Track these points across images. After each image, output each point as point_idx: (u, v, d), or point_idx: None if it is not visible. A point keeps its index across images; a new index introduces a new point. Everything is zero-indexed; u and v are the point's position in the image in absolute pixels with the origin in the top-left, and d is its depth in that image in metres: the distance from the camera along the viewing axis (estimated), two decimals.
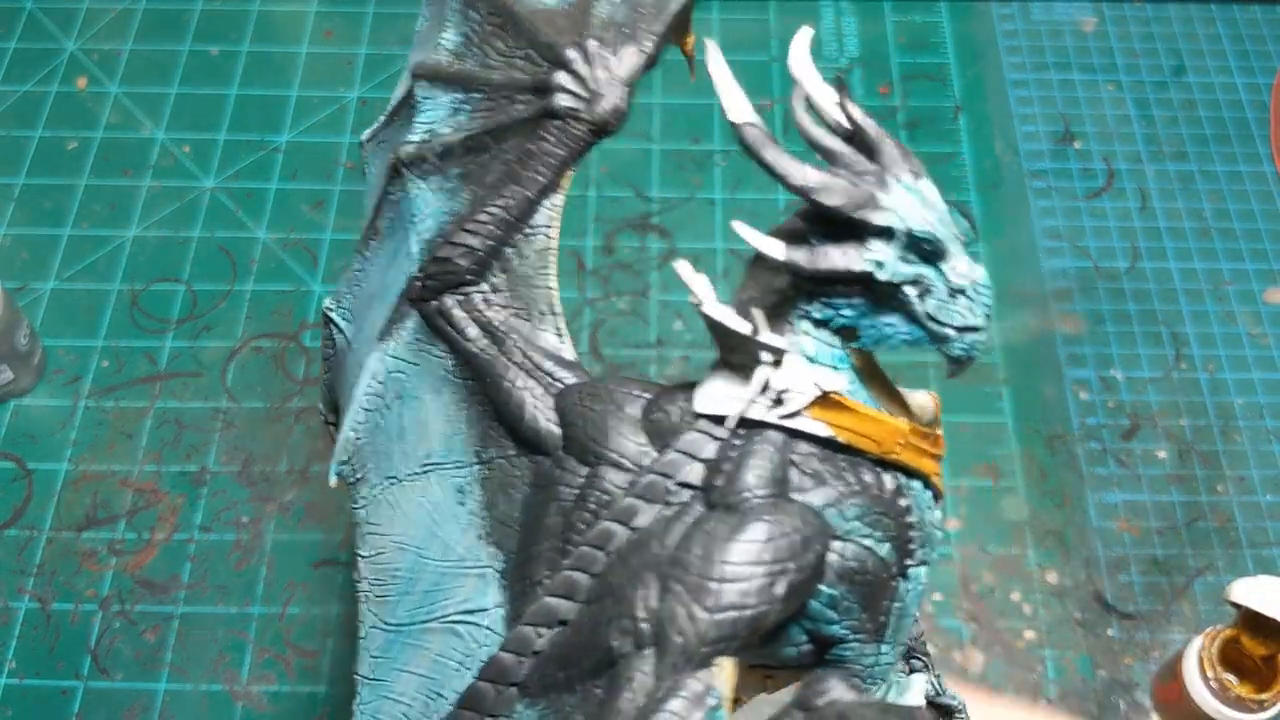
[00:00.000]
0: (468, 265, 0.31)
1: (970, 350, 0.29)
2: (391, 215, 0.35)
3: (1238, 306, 0.78)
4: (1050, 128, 0.87)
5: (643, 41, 0.33)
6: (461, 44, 0.34)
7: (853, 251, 0.27)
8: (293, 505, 0.69)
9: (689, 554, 0.26)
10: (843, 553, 0.28)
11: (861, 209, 0.27)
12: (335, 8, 0.93)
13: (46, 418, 0.73)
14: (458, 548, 0.31)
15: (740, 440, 0.28)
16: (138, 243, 0.80)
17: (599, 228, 0.81)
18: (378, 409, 0.34)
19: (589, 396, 0.30)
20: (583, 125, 0.32)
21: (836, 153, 0.28)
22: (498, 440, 0.31)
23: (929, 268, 0.28)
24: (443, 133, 0.34)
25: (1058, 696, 0.64)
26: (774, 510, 0.27)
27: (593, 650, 0.27)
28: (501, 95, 0.33)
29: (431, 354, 0.32)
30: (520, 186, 0.31)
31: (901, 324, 0.29)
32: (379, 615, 0.33)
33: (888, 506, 0.29)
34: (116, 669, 0.64)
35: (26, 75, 0.89)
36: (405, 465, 0.33)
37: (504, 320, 0.32)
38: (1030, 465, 0.71)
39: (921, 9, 0.94)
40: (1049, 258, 0.80)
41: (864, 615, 0.29)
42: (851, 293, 0.28)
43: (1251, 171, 0.84)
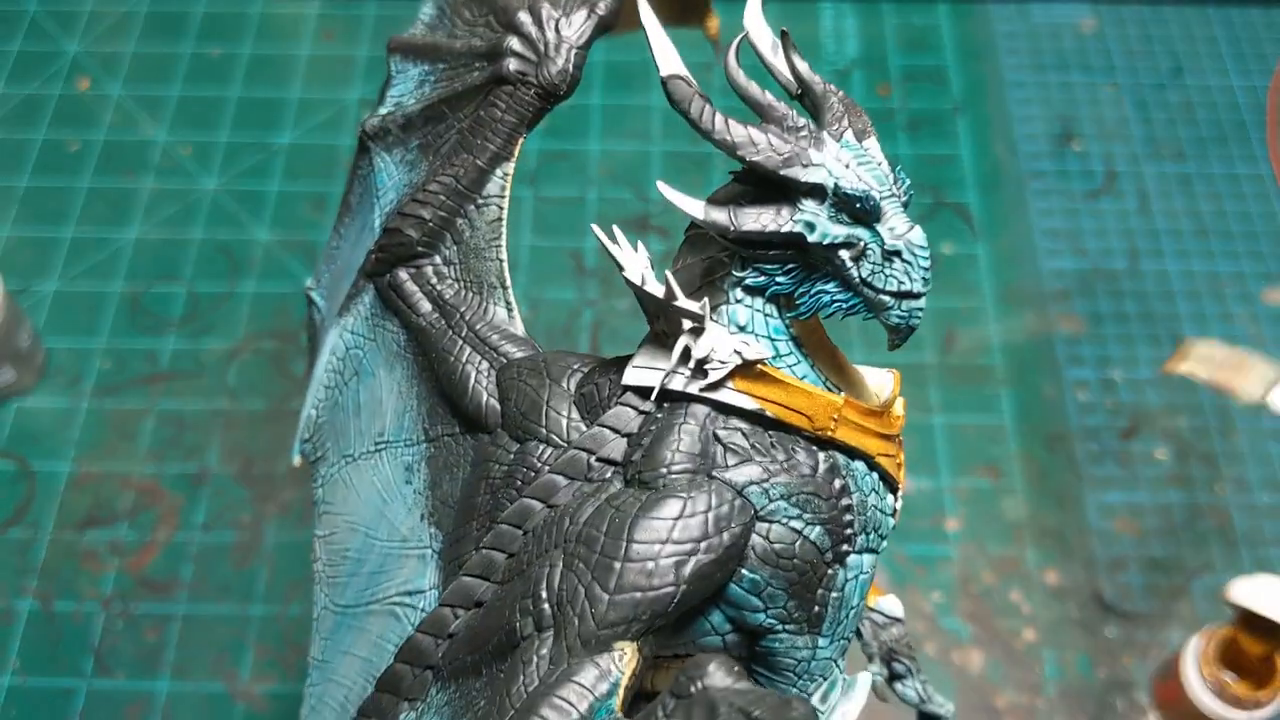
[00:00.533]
0: (418, 236, 0.30)
1: (909, 319, 0.27)
2: (360, 190, 0.35)
3: (1236, 307, 0.78)
4: (1049, 129, 0.87)
5: (596, 4, 0.31)
6: (435, 16, 0.34)
7: (784, 212, 0.26)
8: (293, 505, 0.69)
9: (596, 531, 0.25)
10: (767, 535, 0.26)
11: (789, 166, 0.25)
12: (336, 10, 0.93)
13: (48, 418, 0.73)
14: (402, 528, 0.30)
15: (663, 414, 0.27)
16: (139, 244, 0.80)
17: None
18: (337, 385, 0.33)
19: (528, 371, 0.29)
20: (531, 89, 0.30)
21: (768, 107, 0.27)
22: (445, 417, 0.30)
23: (863, 229, 0.26)
24: (407, 105, 0.33)
25: (1057, 695, 0.64)
26: (688, 488, 0.25)
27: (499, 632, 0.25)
28: (461, 64, 0.32)
29: (386, 329, 0.31)
30: (471, 155, 0.30)
31: (837, 290, 0.27)
32: (330, 597, 0.32)
33: (819, 487, 0.27)
34: (118, 668, 0.64)
35: (29, 77, 0.89)
36: (360, 443, 0.32)
37: (455, 294, 0.30)
38: (1030, 465, 0.71)
39: (921, 10, 0.94)
40: (1048, 258, 0.80)
41: (792, 604, 0.27)
42: (785, 258, 0.26)
43: (1249, 173, 0.85)
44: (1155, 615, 0.66)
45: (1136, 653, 0.65)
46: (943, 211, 0.82)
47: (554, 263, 0.80)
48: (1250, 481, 0.71)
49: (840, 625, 0.29)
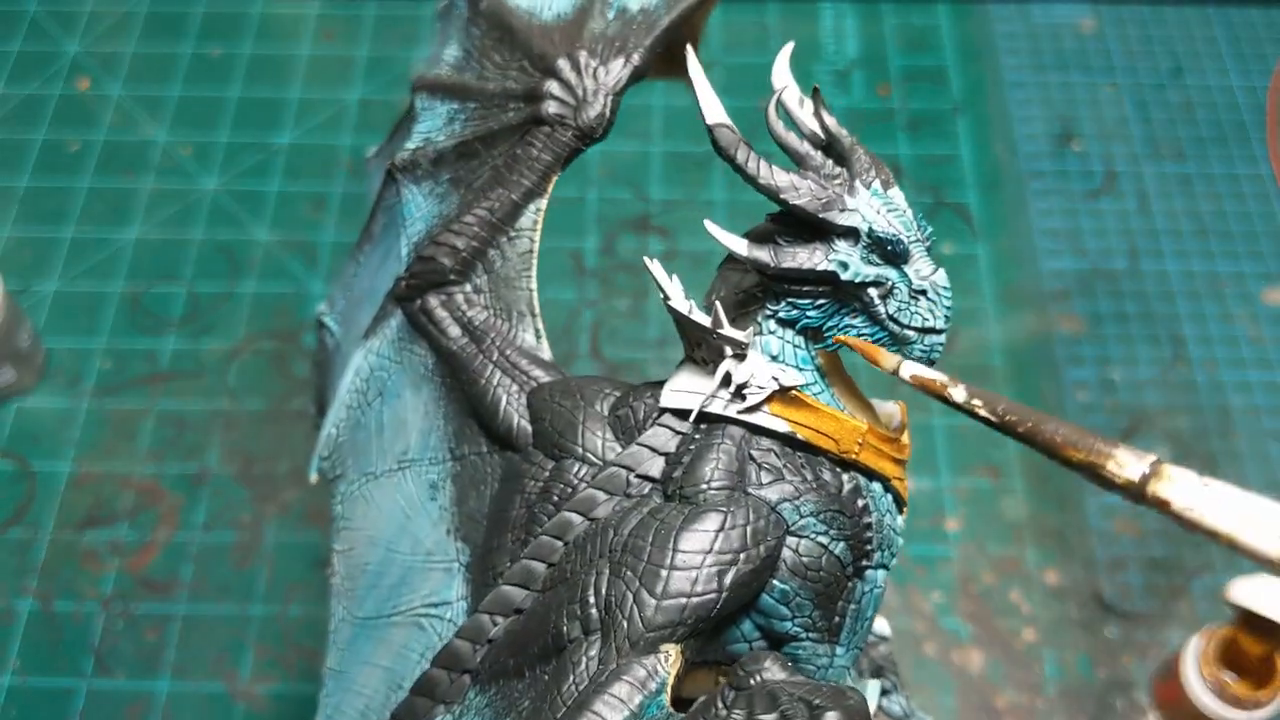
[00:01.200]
0: (451, 265, 0.32)
1: (930, 353, 0.29)
2: (385, 220, 0.36)
3: (1236, 307, 0.78)
4: (1049, 129, 0.87)
5: (632, 54, 0.33)
6: (461, 58, 0.35)
7: (819, 251, 0.28)
8: (293, 505, 0.69)
9: (642, 541, 0.26)
10: (797, 548, 0.28)
11: (827, 210, 0.28)
12: (336, 10, 0.93)
13: (49, 418, 0.73)
14: (427, 542, 0.31)
15: (701, 434, 0.29)
16: (139, 244, 0.80)
17: (599, 228, 0.81)
18: (359, 406, 0.34)
19: (560, 393, 0.30)
20: (568, 131, 0.32)
21: (806, 156, 0.29)
22: (472, 437, 0.31)
23: (892, 269, 0.29)
24: (438, 140, 0.34)
25: (1057, 695, 0.64)
26: (728, 503, 0.27)
27: (543, 636, 0.27)
28: (494, 104, 0.33)
29: (413, 352, 0.33)
30: (506, 190, 0.32)
31: (865, 325, 0.29)
32: (348, 609, 0.33)
33: (844, 505, 0.29)
34: (118, 668, 0.64)
35: (29, 78, 0.89)
36: (382, 461, 0.33)
37: (484, 320, 0.32)
38: (1030, 465, 0.71)
39: (921, 10, 0.94)
40: (1048, 258, 0.80)
41: (817, 613, 0.29)
42: (817, 293, 0.28)
43: (1249, 173, 0.85)
44: (1155, 615, 0.66)
45: (1136, 653, 0.65)
46: (943, 211, 0.82)
47: (554, 263, 0.80)
48: (1250, 482, 0.71)
49: (856, 635, 0.31)
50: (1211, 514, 0.23)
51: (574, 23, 0.34)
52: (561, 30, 0.33)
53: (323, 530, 0.68)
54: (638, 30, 0.33)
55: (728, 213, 0.82)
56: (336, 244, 0.80)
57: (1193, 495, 0.23)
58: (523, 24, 0.34)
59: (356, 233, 0.85)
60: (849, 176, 0.28)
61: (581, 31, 0.33)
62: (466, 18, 0.36)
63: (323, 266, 0.79)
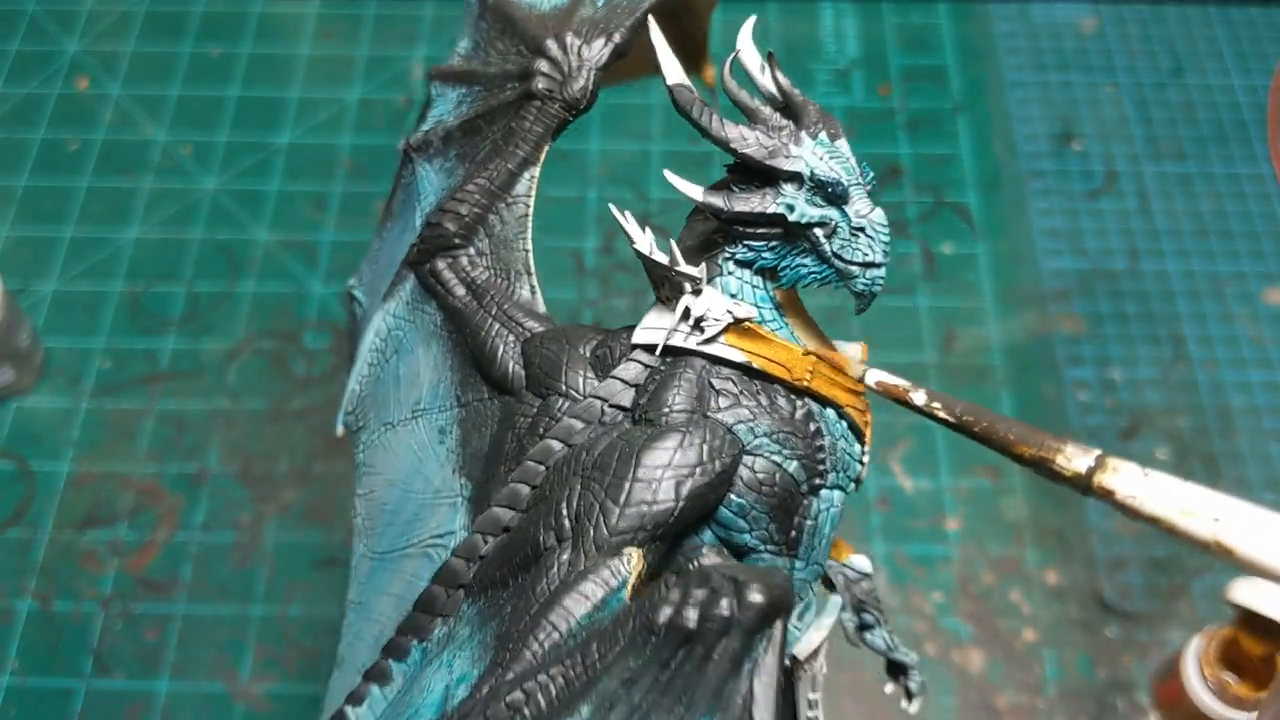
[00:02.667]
0: (455, 230, 0.35)
1: (872, 285, 0.32)
2: (403, 197, 0.39)
3: (1236, 307, 0.78)
4: (1049, 128, 0.87)
5: (613, 34, 0.36)
6: (471, 49, 0.39)
7: (769, 195, 0.31)
8: (293, 505, 0.69)
9: (609, 459, 0.29)
10: (752, 466, 0.31)
11: (773, 157, 0.30)
12: (335, 9, 0.93)
13: (48, 418, 0.73)
14: (436, 480, 0.34)
15: (666, 366, 0.32)
16: (139, 243, 0.80)
17: (599, 228, 0.81)
18: (378, 363, 0.37)
19: (549, 340, 0.33)
20: (555, 104, 0.36)
21: (756, 111, 0.32)
22: (475, 385, 0.34)
23: (834, 210, 0.31)
24: (446, 121, 0.38)
25: (1057, 695, 0.64)
26: (687, 424, 0.30)
27: (524, 548, 0.30)
28: (495, 85, 0.37)
29: (424, 311, 0.36)
30: (503, 160, 0.35)
31: (813, 264, 0.32)
32: (368, 545, 0.36)
33: (796, 428, 0.31)
34: (118, 668, 0.64)
35: (28, 77, 0.89)
36: (398, 411, 0.36)
37: (486, 279, 0.35)
38: None
39: (921, 10, 0.94)
40: (1048, 258, 0.80)
41: (773, 526, 0.31)
42: (770, 235, 0.31)
43: (1249, 173, 0.85)
44: (1156, 615, 0.66)
45: (1137, 653, 0.65)
46: (943, 211, 0.82)
47: (554, 263, 0.80)
48: (1251, 482, 0.71)
49: (814, 550, 0.33)
50: (1152, 502, 0.24)
51: (567, 11, 0.37)
52: (555, 18, 0.37)
53: (323, 530, 0.69)
54: (620, 14, 0.36)
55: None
56: (336, 243, 0.80)
57: (1135, 485, 0.24)
58: (523, 15, 0.38)
59: (357, 231, 0.86)
60: (796, 128, 0.31)
61: (571, 17, 0.36)
62: (477, 13, 0.40)
63: (323, 266, 0.79)
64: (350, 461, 0.70)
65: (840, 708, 0.62)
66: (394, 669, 0.32)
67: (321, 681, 0.63)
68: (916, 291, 0.78)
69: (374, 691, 0.33)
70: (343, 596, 0.66)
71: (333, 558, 0.68)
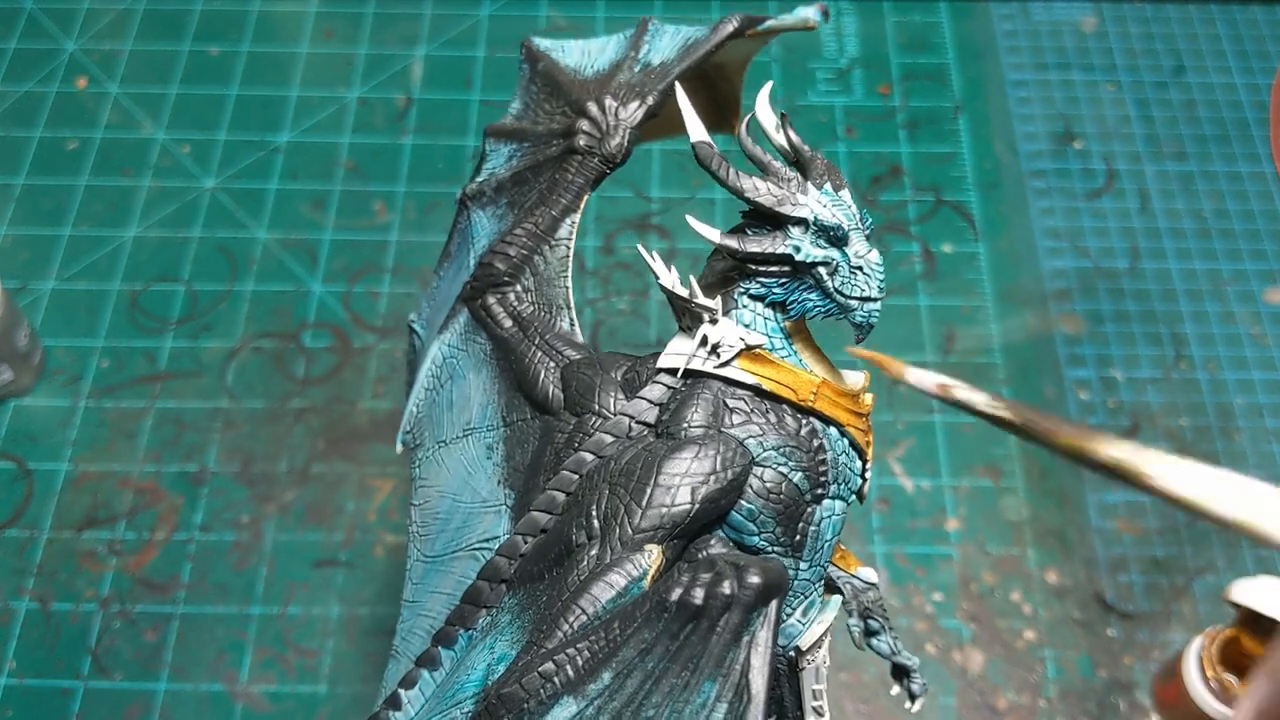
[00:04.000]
0: (505, 269, 0.40)
1: (869, 317, 0.36)
2: (459, 240, 0.44)
3: (1237, 306, 0.78)
4: (1050, 128, 0.87)
5: (646, 97, 0.41)
6: (522, 109, 0.44)
7: (778, 238, 0.35)
8: (293, 505, 0.69)
9: (633, 467, 0.33)
10: (761, 476, 0.34)
11: (781, 205, 0.35)
12: (335, 8, 0.93)
13: (47, 417, 0.73)
14: (483, 491, 0.39)
15: (686, 387, 0.36)
16: (138, 243, 0.80)
17: (599, 228, 0.81)
18: (434, 387, 0.42)
19: (585, 365, 0.38)
20: (595, 158, 0.41)
21: (768, 164, 0.36)
22: (519, 407, 0.39)
23: (836, 250, 0.35)
24: (499, 173, 0.43)
25: (1058, 696, 0.64)
26: (703, 438, 0.34)
27: (558, 545, 0.34)
28: (542, 141, 0.42)
29: (475, 341, 0.41)
30: (548, 207, 0.40)
31: (818, 298, 0.36)
32: (421, 550, 0.41)
33: (801, 443, 0.35)
34: (116, 669, 0.64)
35: (26, 75, 0.89)
36: (451, 430, 0.41)
37: (530, 312, 0.40)
38: (1030, 465, 0.71)
39: (921, 9, 0.94)
40: (1049, 257, 0.80)
41: (779, 529, 0.35)
42: (779, 273, 0.35)
43: (1251, 171, 0.85)
44: (1157, 616, 0.66)
45: (1138, 653, 0.65)
46: (943, 211, 0.82)
47: None
48: None
49: (817, 554, 0.37)
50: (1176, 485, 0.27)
51: (607, 76, 0.42)
52: (596, 82, 0.42)
53: (323, 530, 0.68)
54: (653, 79, 0.41)
55: (725, 210, 0.82)
56: (336, 243, 0.80)
57: None
58: (567, 79, 0.43)
59: (357, 231, 0.86)
60: (803, 179, 0.35)
61: (611, 81, 0.41)
62: (528, 78, 0.44)
63: (322, 266, 0.79)
64: (350, 463, 0.70)
65: (843, 708, 0.62)
66: (442, 655, 0.36)
67: (321, 682, 0.63)
68: (917, 291, 0.78)
69: (424, 675, 0.37)
70: (342, 596, 0.66)
71: (333, 558, 0.68)
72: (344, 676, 0.64)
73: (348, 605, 0.66)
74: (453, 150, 0.85)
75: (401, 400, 0.73)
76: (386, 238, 0.80)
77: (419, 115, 0.87)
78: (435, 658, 0.36)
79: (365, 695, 0.63)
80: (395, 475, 0.71)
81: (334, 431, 0.72)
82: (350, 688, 0.63)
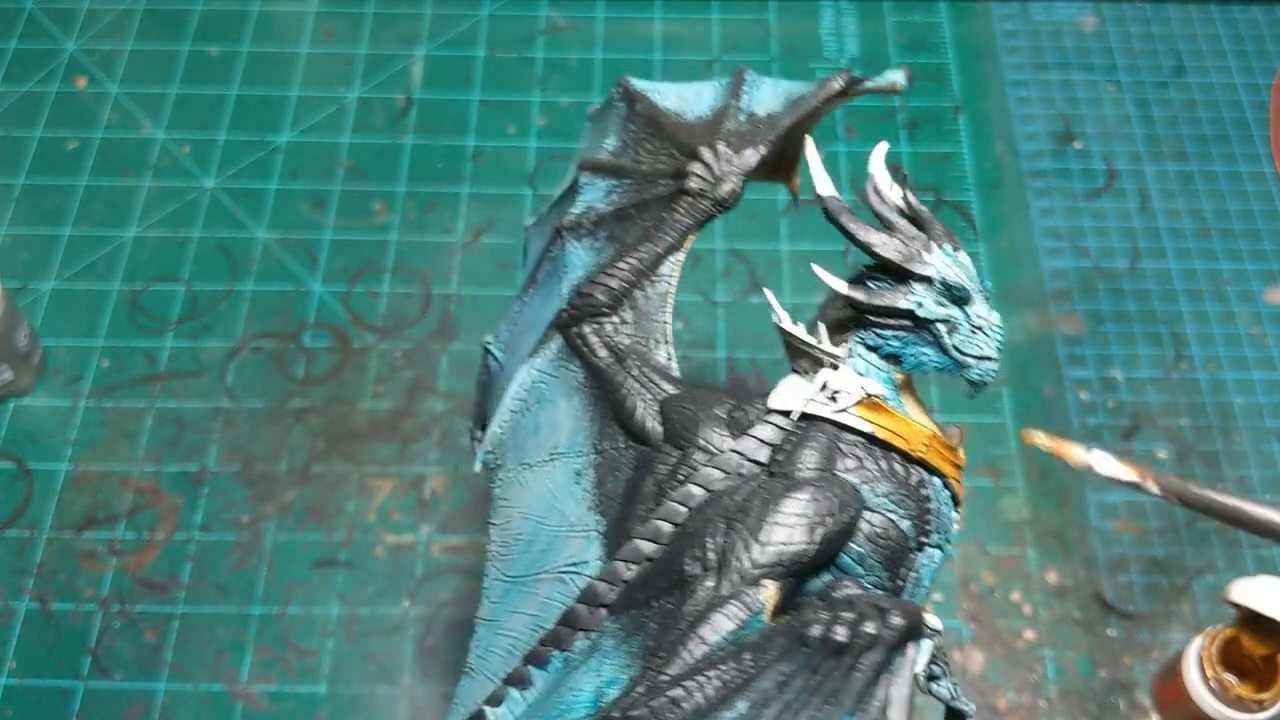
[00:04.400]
0: (605, 300, 0.41)
1: (985, 375, 0.38)
2: (549, 268, 0.45)
3: (1238, 306, 0.78)
4: (1050, 128, 0.87)
5: (758, 145, 0.42)
6: (619, 147, 0.45)
7: (900, 293, 0.36)
8: (293, 505, 0.69)
9: (750, 504, 0.34)
10: (871, 521, 0.35)
11: (908, 261, 0.36)
12: (335, 8, 0.93)
13: (46, 418, 0.73)
14: (570, 516, 0.39)
15: (800, 430, 0.36)
16: (137, 243, 0.80)
17: None
18: (520, 410, 0.43)
19: (685, 400, 0.38)
20: (707, 201, 0.42)
21: (895, 222, 0.37)
22: (612, 435, 0.39)
23: (957, 310, 0.37)
24: (598, 207, 0.44)
25: (1058, 696, 0.64)
26: (819, 480, 0.35)
27: (668, 575, 0.34)
28: (647, 180, 0.43)
29: (568, 368, 0.41)
30: (653, 244, 0.41)
31: (934, 354, 0.37)
32: (500, 570, 0.41)
33: (910, 491, 0.36)
34: (116, 669, 0.64)
35: (26, 75, 0.89)
36: (536, 454, 0.41)
37: (628, 344, 0.40)
38: (1030, 465, 0.71)
39: (921, 9, 0.94)
40: (1049, 258, 0.80)
41: (885, 574, 0.36)
42: (897, 326, 0.36)
43: (1251, 171, 0.85)
44: (1157, 616, 0.66)
45: (1138, 653, 0.65)
46: (943, 211, 0.82)
47: None
48: (1253, 482, 0.71)
49: (915, 598, 0.37)
50: None
51: (712, 122, 0.43)
52: (702, 128, 0.43)
53: (323, 530, 0.68)
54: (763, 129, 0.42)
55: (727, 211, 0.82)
56: (336, 243, 0.80)
57: None
58: (670, 122, 0.44)
59: (357, 230, 0.86)
60: (926, 239, 0.36)
61: (719, 129, 0.43)
62: (625, 116, 0.45)
63: (322, 266, 0.79)
64: (350, 463, 0.70)
65: None
66: (534, 675, 0.37)
67: (321, 682, 0.63)
68: None
69: (512, 694, 0.37)
70: (342, 596, 0.66)
71: (333, 558, 0.68)
72: (344, 676, 0.64)
73: (348, 605, 0.66)
74: (453, 150, 0.85)
75: (402, 400, 0.73)
76: (386, 238, 0.80)
77: (419, 115, 0.87)
78: (526, 677, 0.37)
79: (365, 695, 0.63)
80: (395, 475, 0.71)
81: (334, 431, 0.72)
82: (350, 688, 0.63)
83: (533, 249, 0.49)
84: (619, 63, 0.90)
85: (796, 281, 0.77)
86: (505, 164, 0.85)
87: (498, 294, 0.78)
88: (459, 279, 0.79)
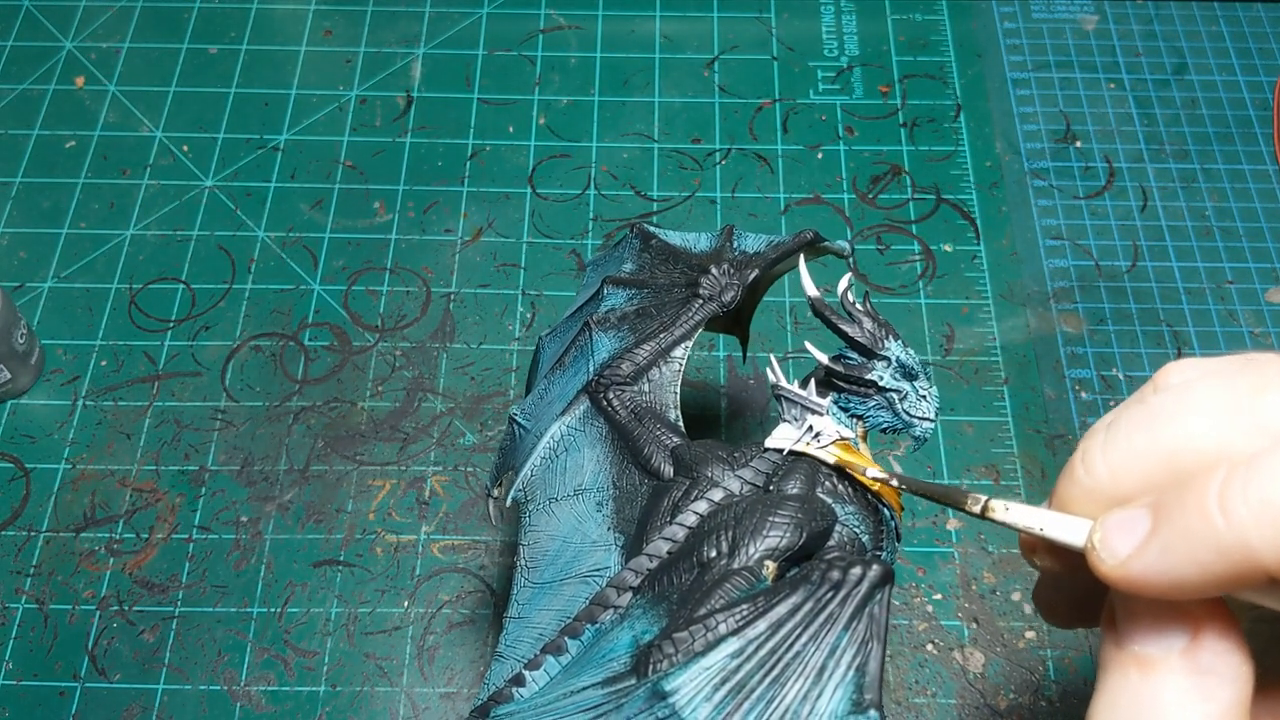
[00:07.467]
0: (628, 373, 0.51)
1: (925, 433, 0.47)
2: (576, 354, 0.54)
3: (1240, 306, 0.78)
4: (1051, 126, 0.87)
5: (753, 266, 0.53)
6: (636, 269, 0.55)
7: (866, 368, 0.46)
8: (292, 505, 0.69)
9: (753, 509, 0.43)
10: (840, 533, 0.44)
11: (874, 344, 0.46)
12: (334, 6, 0.93)
13: (44, 417, 0.73)
14: (593, 535, 0.47)
15: (788, 463, 0.45)
16: (136, 241, 0.80)
17: (599, 227, 0.81)
18: (550, 456, 0.51)
19: (694, 446, 0.47)
20: (714, 303, 0.52)
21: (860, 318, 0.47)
22: (630, 475, 0.48)
23: (908, 383, 0.46)
24: (622, 308, 0.54)
25: (1058, 696, 0.64)
26: (803, 496, 0.44)
27: (687, 560, 0.42)
28: (664, 289, 0.53)
29: (594, 424, 0.50)
30: (669, 334, 0.51)
31: (888, 415, 0.47)
32: (528, 578, 0.48)
33: (870, 513, 0.45)
34: (114, 669, 0.63)
35: (24, 73, 0.88)
36: (563, 490, 0.50)
37: (645, 408, 0.50)
38: (1030, 465, 0.71)
39: (921, 8, 0.93)
40: (1050, 257, 0.80)
41: None
42: (864, 393, 0.46)
43: (1254, 170, 0.84)
44: None
45: None
46: (943, 210, 0.82)
47: (553, 262, 0.79)
48: None
49: None
50: (1022, 520, 0.36)
51: (715, 252, 0.54)
52: (709, 255, 0.54)
53: (322, 530, 0.68)
54: (755, 259, 0.53)
55: (724, 209, 0.82)
56: (335, 241, 0.80)
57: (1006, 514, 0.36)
58: (680, 251, 0.55)
59: (357, 230, 0.85)
60: (884, 332, 0.47)
61: (720, 256, 0.53)
62: (639, 248, 0.56)
63: (322, 265, 0.79)
64: (349, 462, 0.70)
65: None
66: (569, 644, 0.43)
67: (321, 682, 0.63)
68: (917, 291, 0.78)
69: (549, 659, 0.44)
70: (342, 596, 0.66)
71: (332, 558, 0.67)
72: (344, 676, 0.64)
73: (348, 605, 0.66)
74: (453, 149, 0.85)
75: (401, 400, 0.73)
76: (386, 237, 0.80)
77: (419, 114, 0.87)
78: (562, 646, 0.44)
79: (365, 695, 0.63)
80: (395, 475, 0.70)
81: (333, 431, 0.72)
82: (350, 688, 0.63)
83: (546, 353, 0.58)
84: (619, 62, 0.90)
85: (793, 286, 0.77)
86: (505, 163, 0.85)
87: (498, 293, 0.78)
88: (459, 278, 0.79)
